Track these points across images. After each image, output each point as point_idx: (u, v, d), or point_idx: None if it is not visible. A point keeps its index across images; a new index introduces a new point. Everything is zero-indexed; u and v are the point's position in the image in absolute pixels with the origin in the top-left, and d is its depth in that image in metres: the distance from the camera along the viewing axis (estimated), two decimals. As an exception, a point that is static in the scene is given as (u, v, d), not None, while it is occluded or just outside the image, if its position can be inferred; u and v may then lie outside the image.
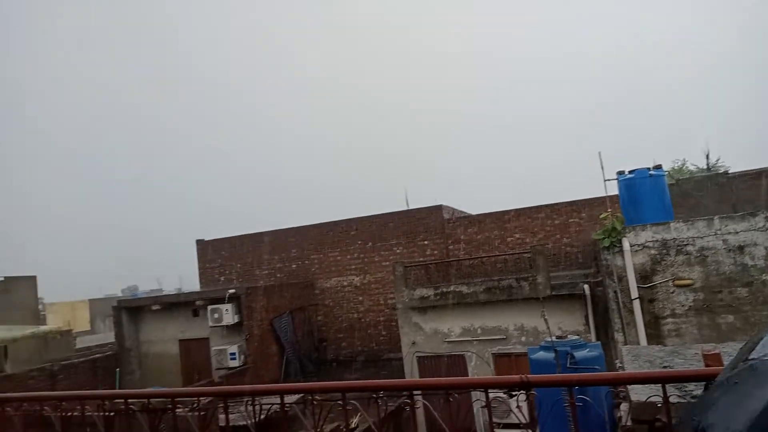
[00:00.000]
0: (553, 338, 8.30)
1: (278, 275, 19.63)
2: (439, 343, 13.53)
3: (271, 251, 19.97)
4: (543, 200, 15.80)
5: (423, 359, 13.80)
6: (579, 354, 7.90)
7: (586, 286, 12.05)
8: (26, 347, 19.75)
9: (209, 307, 15.86)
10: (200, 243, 21.19)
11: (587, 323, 12.27)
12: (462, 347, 13.31)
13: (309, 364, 17.87)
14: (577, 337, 8.79)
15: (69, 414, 3.17)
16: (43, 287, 25.47)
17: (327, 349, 18.92)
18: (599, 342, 8.80)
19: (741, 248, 8.80)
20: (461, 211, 18.20)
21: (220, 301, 15.81)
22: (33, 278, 24.42)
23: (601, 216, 9.72)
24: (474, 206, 18.78)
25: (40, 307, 27.18)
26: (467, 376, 13.21)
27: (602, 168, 11.41)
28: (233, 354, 15.64)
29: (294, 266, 19.48)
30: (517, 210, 15.97)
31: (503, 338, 12.92)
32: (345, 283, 18.72)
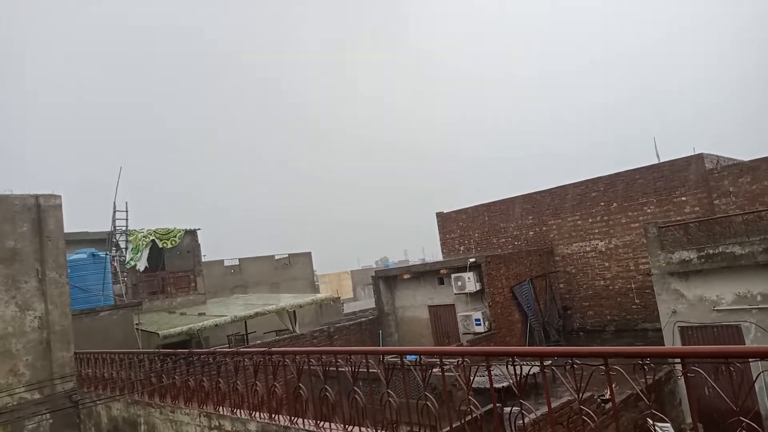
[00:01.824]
0: None
1: (515, 243, 19.60)
2: (706, 312, 11.93)
3: (506, 219, 20.03)
4: None
5: (686, 330, 12.36)
6: None
7: None
8: (308, 312, 23.69)
9: (453, 276, 16.70)
10: (440, 215, 22.38)
11: None
12: (736, 316, 11.51)
13: (553, 333, 17.55)
14: None
15: (356, 369, 3.76)
16: (315, 260, 30.10)
17: (572, 318, 18.29)
18: None
19: None
20: (728, 159, 15.53)
21: (462, 269, 16.52)
22: (309, 254, 29.06)
23: None
24: (740, 153, 15.81)
25: (314, 278, 32.20)
26: (747, 349, 11.40)
27: None
28: (478, 320, 16.24)
29: (531, 233, 19.21)
30: (807, 151, 12.94)
31: (795, 307, 10.77)
32: (588, 249, 17.76)
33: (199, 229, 20.93)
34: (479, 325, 16.19)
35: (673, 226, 13.45)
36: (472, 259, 16.54)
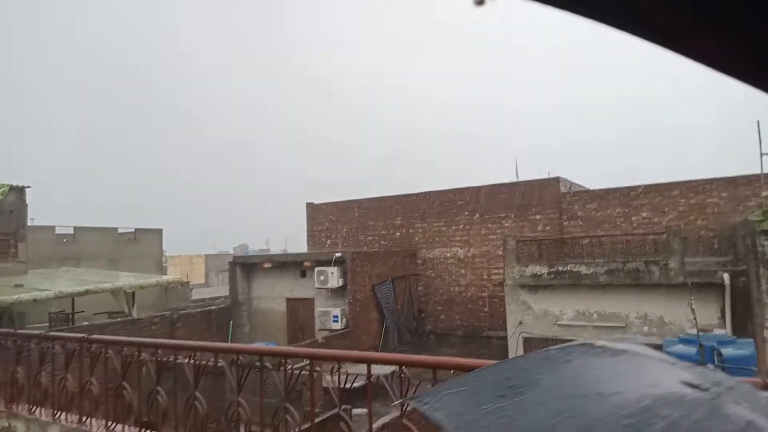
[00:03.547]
0: (697, 331, 7.35)
1: (382, 242, 19.62)
2: (549, 325, 12.76)
3: (376, 218, 19.98)
4: (677, 177, 14.16)
5: (529, 341, 13.11)
6: (727, 351, 6.92)
7: (725, 275, 10.68)
8: (150, 295, 21.56)
9: (316, 269, 16.16)
10: (310, 206, 21.70)
11: (722, 317, 10.93)
12: (574, 332, 12.43)
13: (407, 334, 17.81)
14: (723, 331, 7.75)
15: (201, 370, 3.06)
16: (165, 240, 27.58)
17: (425, 321, 18.73)
18: (751, 339, 7.67)
19: None
20: (579, 185, 16.94)
21: (327, 264, 16.05)
22: (159, 231, 26.55)
23: (764, 194, 8.38)
24: (591, 182, 17.35)
25: (162, 258, 29.60)
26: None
27: (759, 139, 9.95)
28: (336, 317, 15.89)
29: (398, 234, 19.35)
30: (646, 186, 14.49)
31: (622, 326, 11.88)
32: (448, 255, 18.30)
33: (28, 186, 17.93)
34: (336, 321, 15.85)
35: (528, 241, 14.27)
36: (338, 254, 16.15)
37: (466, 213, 17.91)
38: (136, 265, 24.59)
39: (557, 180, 16.37)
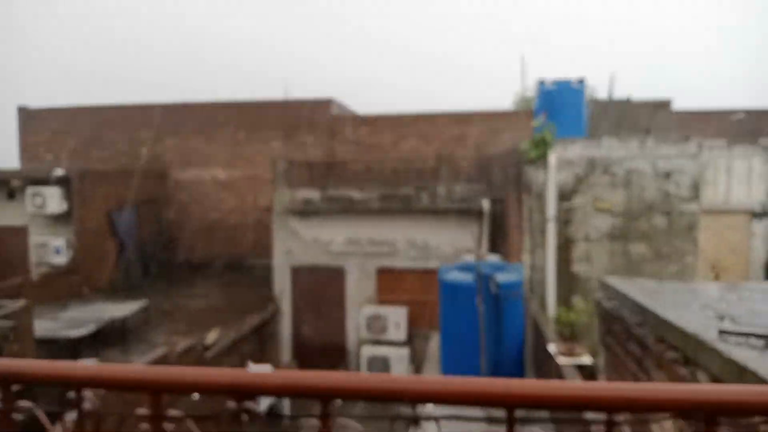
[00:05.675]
0: (476, 259, 7.23)
1: (123, 160, 16.27)
2: (319, 254, 12.04)
3: (115, 130, 16.40)
4: (442, 107, 14.46)
5: (297, 270, 12.26)
6: (501, 278, 6.88)
7: (485, 202, 11.21)
8: None
9: (29, 190, 12.51)
10: (24, 111, 16.73)
11: (480, 242, 11.57)
12: (343, 259, 11.97)
13: (155, 267, 15.40)
14: (497, 257, 7.85)
15: None
16: None
17: (178, 251, 16.45)
18: (520, 264, 7.90)
19: (668, 174, 8.27)
20: (352, 110, 16.28)
21: (45, 182, 12.53)
22: None
23: (534, 124, 8.56)
24: (360, 109, 16.84)
25: None
26: (344, 290, 12.05)
27: (522, 74, 10.30)
28: (58, 248, 12.73)
29: (143, 150, 16.22)
30: (415, 115, 14.48)
31: (390, 252, 11.80)
32: (207, 177, 16.10)
33: None
34: (60, 254, 12.70)
35: (300, 164, 13.13)
36: (59, 172, 12.67)
37: (229, 130, 15.82)
38: None
39: (329, 102, 15.39)
